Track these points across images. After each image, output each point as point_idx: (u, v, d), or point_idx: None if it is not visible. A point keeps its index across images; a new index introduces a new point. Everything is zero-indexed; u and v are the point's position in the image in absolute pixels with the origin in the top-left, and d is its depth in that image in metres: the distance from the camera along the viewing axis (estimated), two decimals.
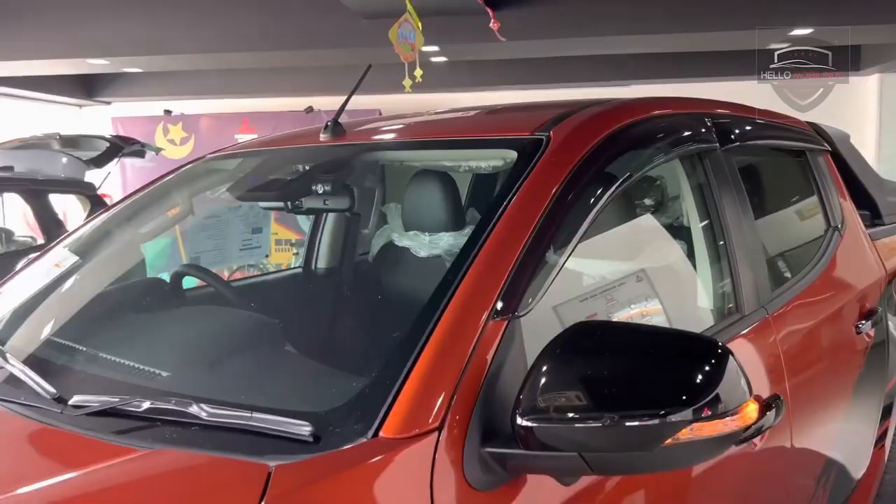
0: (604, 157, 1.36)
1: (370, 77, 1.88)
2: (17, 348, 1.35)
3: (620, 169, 1.36)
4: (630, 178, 1.38)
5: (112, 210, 1.89)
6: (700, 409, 0.91)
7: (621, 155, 1.40)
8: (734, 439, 0.96)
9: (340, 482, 0.85)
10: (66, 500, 0.83)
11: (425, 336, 1.00)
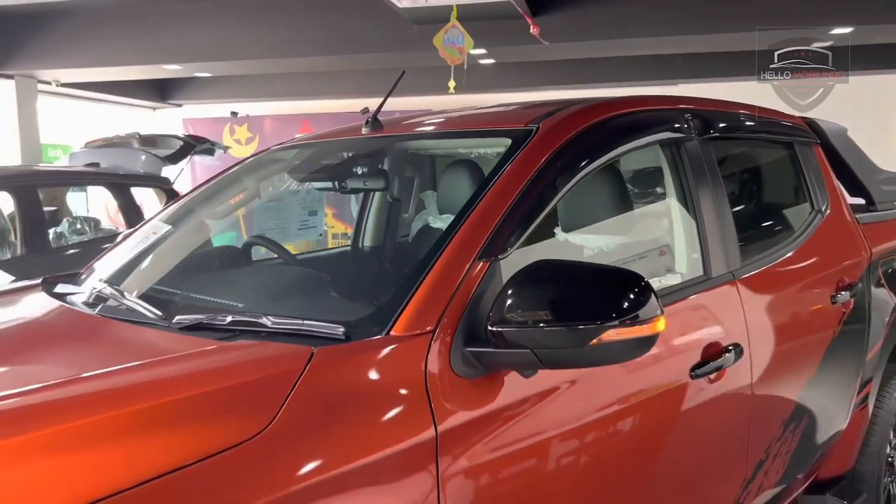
0: (581, 143, 1.71)
1: (420, 79, 2.27)
2: (129, 290, 1.78)
3: (594, 152, 1.72)
4: (602, 161, 1.73)
5: (195, 191, 2.34)
6: (622, 319, 1.26)
7: (596, 141, 1.75)
8: (649, 344, 1.31)
9: (361, 359, 1.24)
10: (182, 368, 1.24)
11: (427, 270, 1.37)
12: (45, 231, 4.81)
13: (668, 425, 1.74)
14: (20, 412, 1.10)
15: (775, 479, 2.20)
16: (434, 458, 1.20)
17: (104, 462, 0.97)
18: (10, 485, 0.93)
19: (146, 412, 1.08)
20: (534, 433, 1.37)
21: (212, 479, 0.98)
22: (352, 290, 1.83)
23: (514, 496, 1.33)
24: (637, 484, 1.65)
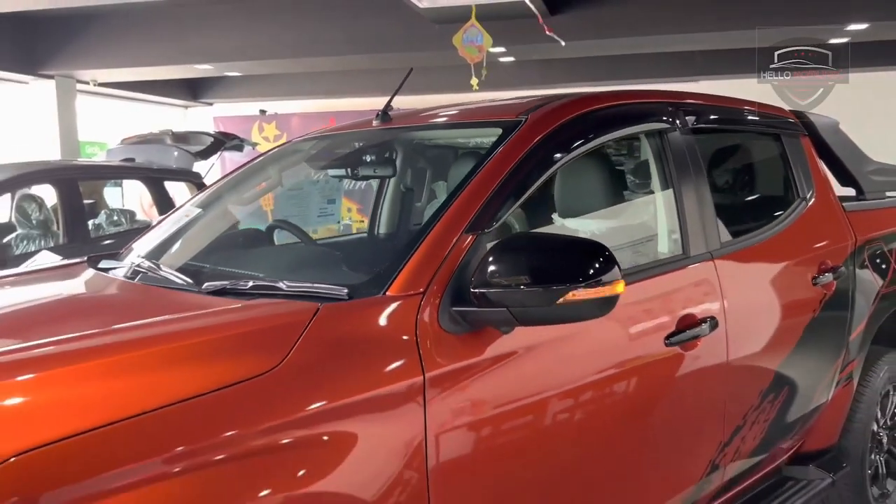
0: (564, 132, 1.91)
1: (441, 77, 2.48)
2: (166, 263, 2.02)
3: (575, 141, 1.92)
4: (583, 149, 1.93)
5: (224, 179, 2.58)
6: (587, 281, 1.46)
7: (578, 131, 1.94)
8: (610, 304, 1.50)
9: (360, 314, 1.45)
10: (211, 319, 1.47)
11: (420, 241, 1.59)
12: (85, 222, 5.11)
13: (642, 388, 1.92)
14: (97, 345, 1.38)
15: (753, 445, 2.37)
16: (422, 398, 1.41)
17: (155, 383, 1.21)
18: (97, 392, 1.19)
19: (186, 348, 1.32)
20: (511, 385, 1.57)
21: (236, 401, 1.21)
22: (359, 264, 2.05)
23: (488, 434, 1.53)
24: (607, 436, 1.84)
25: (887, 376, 3.02)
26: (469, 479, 1.50)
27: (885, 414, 3.12)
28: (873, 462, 3.04)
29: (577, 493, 1.77)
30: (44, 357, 1.31)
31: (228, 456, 1.16)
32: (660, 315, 1.98)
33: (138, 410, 1.13)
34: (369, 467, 1.32)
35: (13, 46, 8.29)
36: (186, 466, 1.12)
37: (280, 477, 1.20)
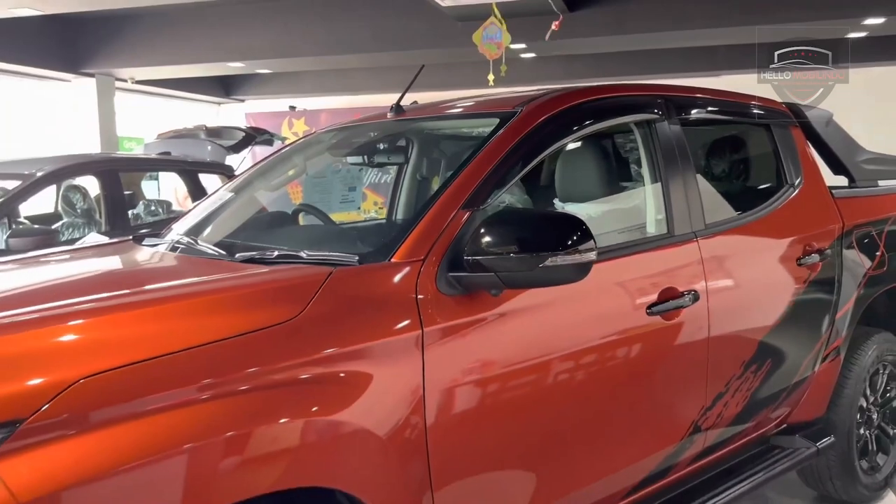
0: (554, 122, 2.12)
1: (463, 73, 2.71)
2: (203, 240, 2.28)
3: (564, 130, 2.14)
4: (571, 137, 2.15)
5: (255, 167, 2.84)
6: (565, 249, 1.68)
7: (567, 121, 2.16)
8: (585, 270, 1.72)
9: (367, 276, 1.69)
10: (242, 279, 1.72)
11: (421, 216, 1.82)
12: (126, 211, 5.44)
13: (623, 352, 2.13)
14: (151, 297, 1.67)
15: (736, 412, 2.56)
16: (421, 348, 1.65)
17: (197, 326, 1.46)
18: (151, 331, 1.45)
19: (222, 299, 1.60)
20: (498, 341, 1.80)
21: (263, 343, 1.46)
22: (370, 238, 2.29)
23: (476, 380, 1.76)
24: (584, 392, 2.04)
25: (875, 355, 3.18)
26: (458, 414, 1.72)
27: (874, 391, 3.28)
28: (862, 436, 3.21)
29: (555, 442, 1.98)
30: (109, 305, 1.59)
31: (257, 386, 1.41)
32: (642, 287, 2.18)
33: (184, 346, 1.38)
34: (377, 401, 1.56)
35: (57, 46, 8.70)
36: (222, 392, 1.37)
37: (300, 406, 1.45)
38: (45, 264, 2.20)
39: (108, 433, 1.25)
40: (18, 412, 1.19)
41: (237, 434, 1.35)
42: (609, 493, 2.20)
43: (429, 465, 1.66)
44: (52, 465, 1.19)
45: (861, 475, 3.18)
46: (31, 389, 1.23)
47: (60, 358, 1.34)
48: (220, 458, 1.32)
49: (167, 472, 1.27)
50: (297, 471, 1.44)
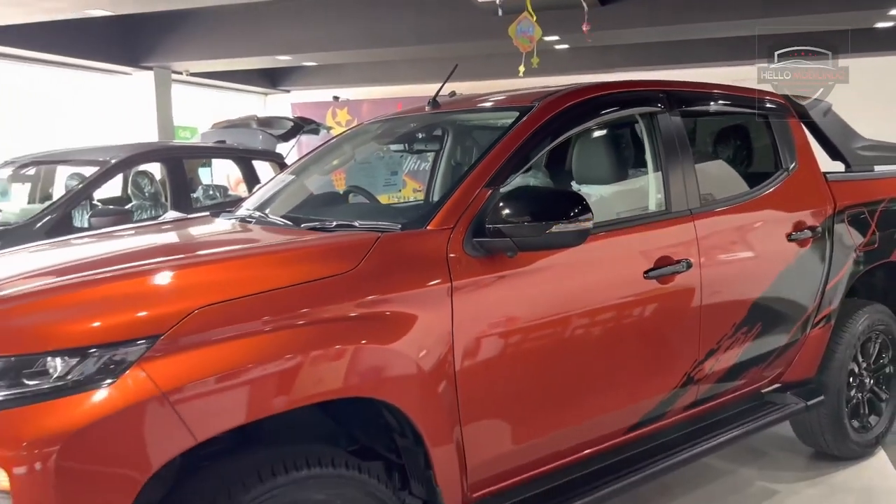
0: (565, 115, 2.52)
1: (499, 65, 3.12)
2: (272, 213, 2.74)
3: (574, 122, 2.54)
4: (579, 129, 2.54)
5: (309, 155, 3.30)
6: (568, 219, 2.09)
7: (578, 114, 2.56)
8: (584, 236, 2.12)
9: (408, 239, 2.11)
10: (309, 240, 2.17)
11: (451, 193, 2.24)
12: (189, 195, 5.97)
13: (623, 310, 2.52)
14: (239, 253, 2.13)
15: (727, 366, 2.93)
16: (450, 298, 2.07)
17: (277, 273, 1.90)
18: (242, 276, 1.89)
19: (295, 255, 2.05)
20: (514, 294, 2.21)
21: (327, 288, 1.89)
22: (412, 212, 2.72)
23: (495, 323, 2.16)
24: (591, 348, 2.43)
25: (867, 324, 3.50)
26: (479, 352, 2.13)
27: (867, 358, 3.60)
28: (852, 397, 3.54)
29: (562, 381, 2.39)
30: (213, 258, 2.06)
31: (323, 319, 1.85)
32: (640, 254, 2.57)
33: (270, 288, 1.83)
34: (415, 337, 1.98)
35: (119, 43, 9.32)
36: (296, 323, 1.82)
37: (357, 335, 1.89)
38: (154, 231, 2.70)
39: (216, 347, 1.70)
40: (158, 329, 1.66)
41: (309, 353, 1.80)
42: (611, 430, 2.60)
43: (456, 390, 2.08)
44: (180, 366, 1.64)
45: (851, 433, 3.51)
46: (165, 314, 1.69)
47: (182, 294, 1.80)
48: (297, 368, 1.77)
49: (259, 375, 1.72)
50: (355, 383, 1.88)
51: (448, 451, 2.09)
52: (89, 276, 1.92)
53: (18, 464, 1.50)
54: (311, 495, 1.83)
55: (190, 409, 1.62)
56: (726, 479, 3.46)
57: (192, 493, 1.77)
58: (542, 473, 2.41)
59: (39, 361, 1.61)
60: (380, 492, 1.96)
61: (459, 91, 10.79)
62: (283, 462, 1.80)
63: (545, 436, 2.38)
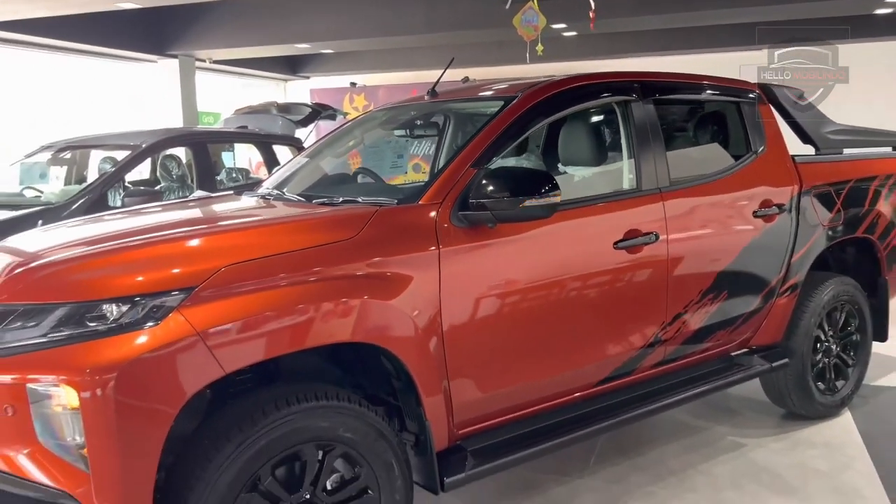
0: (544, 104, 2.86)
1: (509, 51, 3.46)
2: (289, 191, 3.12)
3: (551, 110, 2.87)
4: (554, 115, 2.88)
5: (322, 139, 3.66)
6: (538, 194, 2.43)
7: (555, 103, 2.90)
8: (552, 209, 2.47)
9: (402, 212, 2.46)
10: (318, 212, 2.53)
11: (441, 172, 2.60)
12: (213, 177, 6.37)
13: (592, 275, 2.86)
14: (258, 223, 2.51)
15: (694, 329, 3.26)
16: (438, 262, 2.43)
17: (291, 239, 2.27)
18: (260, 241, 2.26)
19: (306, 224, 2.42)
20: (493, 259, 2.57)
21: (333, 251, 2.26)
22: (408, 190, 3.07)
23: (476, 284, 2.52)
24: (562, 309, 2.77)
25: (832, 295, 3.82)
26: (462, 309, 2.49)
27: (833, 326, 3.92)
28: (818, 362, 3.86)
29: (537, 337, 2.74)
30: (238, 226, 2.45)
31: (330, 277, 2.22)
32: (611, 227, 2.91)
33: (286, 250, 2.20)
34: (408, 294, 2.35)
35: (145, 32, 9.74)
36: (307, 279, 2.19)
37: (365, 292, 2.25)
38: (186, 206, 3.08)
39: (241, 297, 2.08)
40: (194, 282, 2.03)
41: (318, 303, 2.17)
42: (582, 382, 2.95)
43: (443, 340, 2.45)
44: (211, 312, 2.02)
45: (817, 394, 3.84)
46: (199, 270, 2.07)
47: (212, 255, 2.17)
48: (308, 315, 2.14)
49: (277, 320, 2.10)
50: (366, 330, 2.25)
51: (436, 391, 2.45)
52: (136, 241, 2.31)
53: (85, 387, 1.89)
54: (317, 423, 2.20)
55: (219, 346, 2.00)
56: (702, 434, 3.80)
57: (220, 420, 2.15)
58: (520, 417, 2.78)
59: (98, 307, 2.00)
60: (378, 423, 2.33)
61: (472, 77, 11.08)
62: (295, 395, 2.18)
63: (522, 385, 2.74)
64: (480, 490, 3.20)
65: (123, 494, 1.92)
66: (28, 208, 5.01)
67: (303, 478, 2.21)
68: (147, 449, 1.93)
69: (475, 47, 10.72)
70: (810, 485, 3.23)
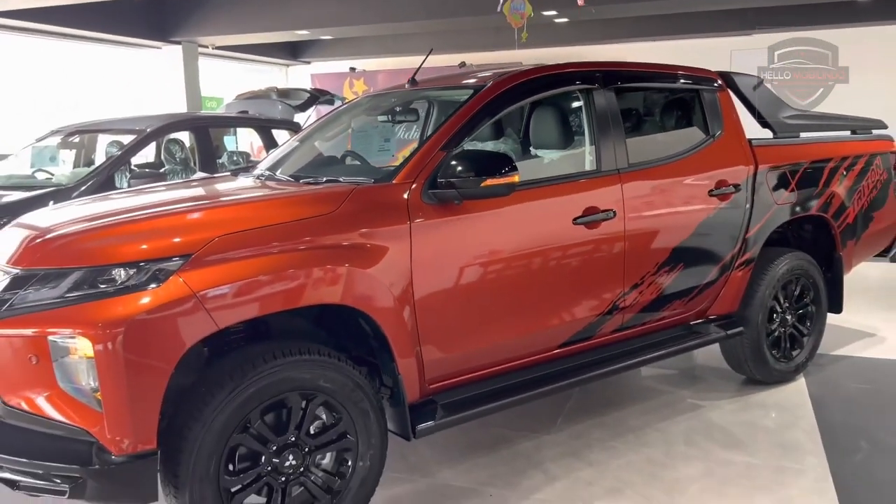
0: (510, 92, 3.15)
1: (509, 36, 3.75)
2: (281, 172, 3.42)
3: (517, 98, 3.17)
4: (519, 102, 3.17)
5: (316, 124, 3.96)
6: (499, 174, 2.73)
7: (520, 91, 3.19)
8: (512, 188, 2.77)
9: (377, 190, 2.76)
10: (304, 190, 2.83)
11: (414, 154, 2.90)
12: (215, 160, 6.68)
13: (552, 248, 3.16)
14: (251, 199, 2.82)
15: (651, 298, 3.56)
16: (409, 234, 2.73)
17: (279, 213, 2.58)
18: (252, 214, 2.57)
19: (291, 200, 2.73)
20: (461, 234, 2.87)
21: (316, 224, 2.56)
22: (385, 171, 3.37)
23: (444, 253, 2.82)
24: (523, 278, 3.07)
25: (787, 268, 4.11)
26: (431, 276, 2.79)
27: (788, 298, 4.21)
28: (773, 331, 4.16)
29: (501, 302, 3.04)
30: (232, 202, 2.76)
31: (312, 247, 2.52)
32: (570, 204, 3.20)
33: (273, 223, 2.50)
34: (383, 263, 2.65)
35: (149, 19, 10.01)
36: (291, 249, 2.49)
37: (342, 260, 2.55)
38: (185, 186, 3.40)
39: (233, 263, 2.39)
40: (191, 249, 2.34)
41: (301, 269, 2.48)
42: (544, 346, 3.26)
43: (414, 304, 2.76)
44: (207, 275, 2.33)
45: (772, 361, 4.15)
46: (195, 240, 2.38)
47: (207, 226, 2.48)
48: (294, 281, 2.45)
49: (265, 283, 2.41)
50: (342, 294, 2.56)
51: (407, 349, 2.77)
52: (140, 215, 2.63)
53: (98, 339, 2.20)
54: (300, 374, 2.52)
55: (213, 305, 2.31)
56: (664, 397, 4.12)
57: (216, 370, 2.47)
58: (487, 376, 3.09)
59: (109, 271, 2.31)
60: (354, 376, 2.64)
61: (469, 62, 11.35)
62: (281, 350, 2.50)
63: (487, 347, 3.05)
64: (453, 444, 3.52)
65: (133, 431, 2.24)
66: (40, 189, 5.33)
67: (288, 422, 2.54)
68: (152, 391, 2.25)
69: (472, 33, 10.95)
70: (756, 440, 3.55)
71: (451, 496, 3.08)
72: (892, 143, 4.82)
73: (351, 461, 2.67)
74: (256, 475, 2.49)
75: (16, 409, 2.32)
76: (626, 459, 3.36)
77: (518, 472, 3.26)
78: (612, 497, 3.03)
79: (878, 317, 5.66)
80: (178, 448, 2.33)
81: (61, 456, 2.27)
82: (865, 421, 3.77)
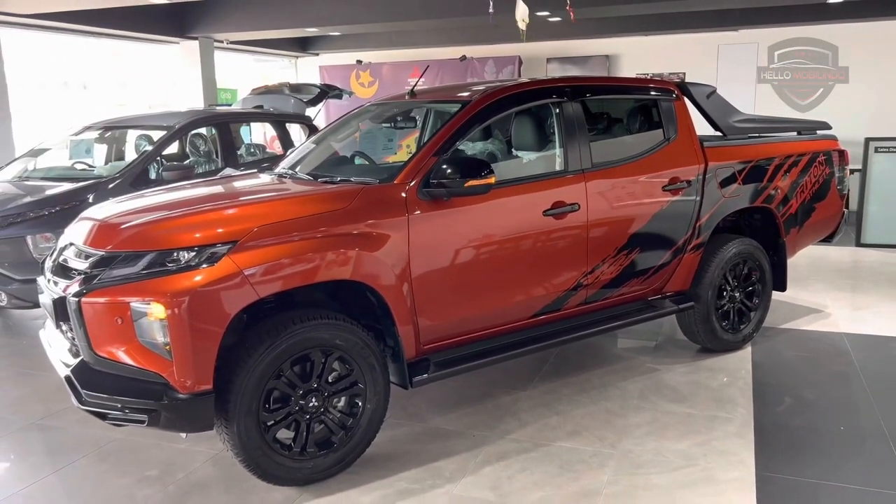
0: (493, 106, 3.82)
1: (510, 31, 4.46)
2: (300, 171, 4.10)
3: (498, 110, 3.84)
4: (500, 114, 3.84)
5: (327, 127, 4.64)
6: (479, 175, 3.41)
7: (501, 104, 3.86)
8: (489, 188, 3.45)
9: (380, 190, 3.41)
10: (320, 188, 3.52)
11: (411, 160, 3.57)
12: (236, 153, 7.35)
13: (528, 236, 3.84)
14: (276, 196, 3.51)
15: (611, 277, 4.23)
16: (407, 224, 3.41)
17: (300, 208, 3.26)
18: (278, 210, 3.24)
19: (311, 197, 3.41)
20: (450, 225, 3.55)
21: (330, 216, 3.24)
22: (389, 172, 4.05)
23: (436, 242, 3.50)
24: (502, 261, 3.75)
25: (734, 252, 4.77)
26: (425, 261, 3.48)
27: (737, 277, 4.88)
28: (722, 306, 4.84)
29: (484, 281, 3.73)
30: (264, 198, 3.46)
31: (329, 235, 3.21)
32: (540, 199, 3.87)
33: (298, 216, 3.19)
34: (387, 249, 3.33)
35: (168, 16, 10.64)
36: (315, 236, 3.17)
37: (354, 245, 3.24)
38: (225, 183, 4.08)
39: (269, 247, 3.07)
40: (237, 237, 3.03)
41: (323, 252, 3.16)
42: (519, 316, 3.94)
43: (411, 281, 3.44)
44: (249, 257, 3.02)
45: (720, 332, 4.83)
46: (241, 229, 3.06)
47: (248, 219, 3.17)
48: (315, 261, 3.14)
49: (293, 263, 3.09)
50: (352, 272, 3.24)
51: (406, 317, 3.46)
52: (197, 209, 3.32)
53: (169, 305, 2.89)
54: (320, 334, 3.21)
55: (255, 279, 3.00)
56: (626, 362, 4.81)
57: (256, 331, 3.16)
58: (472, 340, 3.78)
59: (174, 254, 3.00)
60: (363, 337, 3.32)
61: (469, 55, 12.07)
62: (305, 315, 3.19)
63: (471, 316, 3.74)
64: (445, 398, 4.23)
65: (195, 375, 2.94)
66: (83, 181, 6.01)
67: (311, 372, 3.24)
68: (209, 344, 2.95)
69: (473, 28, 11.54)
70: (698, 396, 4.24)
71: (441, 436, 3.78)
72: (836, 142, 5.47)
73: (361, 403, 3.37)
74: (287, 413, 3.20)
75: (106, 359, 3.03)
76: (587, 410, 4.06)
77: (497, 419, 3.96)
78: (572, 438, 3.73)
79: (829, 296, 6.34)
80: (228, 390, 3.04)
81: (141, 394, 2.97)
82: (794, 382, 4.46)
